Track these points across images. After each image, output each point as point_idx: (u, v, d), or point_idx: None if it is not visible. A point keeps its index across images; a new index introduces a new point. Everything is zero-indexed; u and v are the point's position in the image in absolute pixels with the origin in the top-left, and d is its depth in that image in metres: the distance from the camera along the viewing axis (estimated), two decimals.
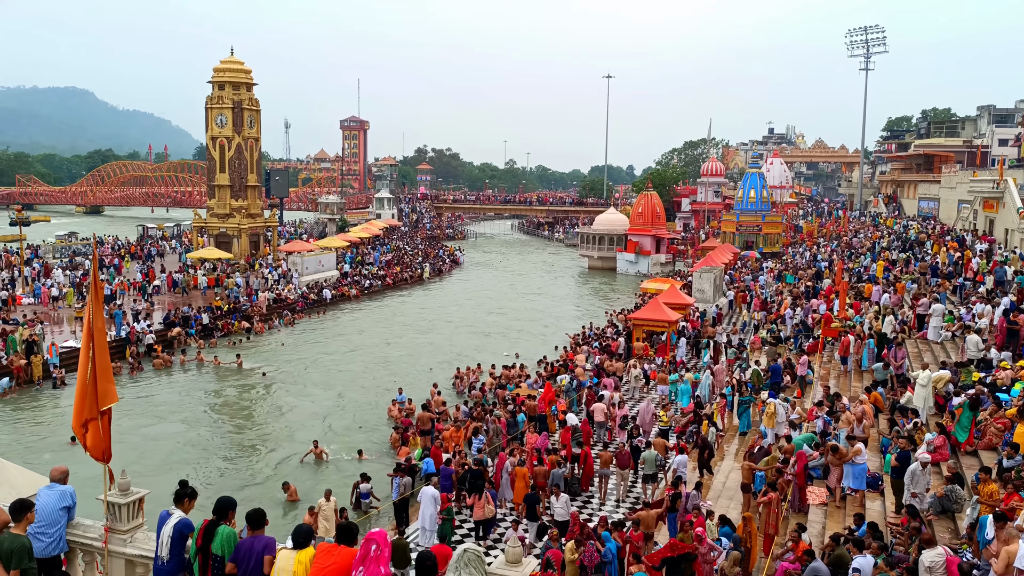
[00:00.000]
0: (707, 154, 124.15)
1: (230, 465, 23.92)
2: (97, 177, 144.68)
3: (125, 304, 42.52)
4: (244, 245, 60.38)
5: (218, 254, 56.30)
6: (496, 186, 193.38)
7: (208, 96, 59.88)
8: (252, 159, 61.30)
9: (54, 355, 32.26)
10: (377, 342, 41.67)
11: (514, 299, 56.78)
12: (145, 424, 27.17)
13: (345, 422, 28.23)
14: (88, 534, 8.27)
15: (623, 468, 19.19)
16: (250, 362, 35.91)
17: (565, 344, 38.47)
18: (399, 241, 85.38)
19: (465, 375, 32.35)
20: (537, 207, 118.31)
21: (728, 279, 52.47)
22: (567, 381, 28.58)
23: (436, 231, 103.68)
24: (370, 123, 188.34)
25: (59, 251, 64.49)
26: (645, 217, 73.77)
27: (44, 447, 24.41)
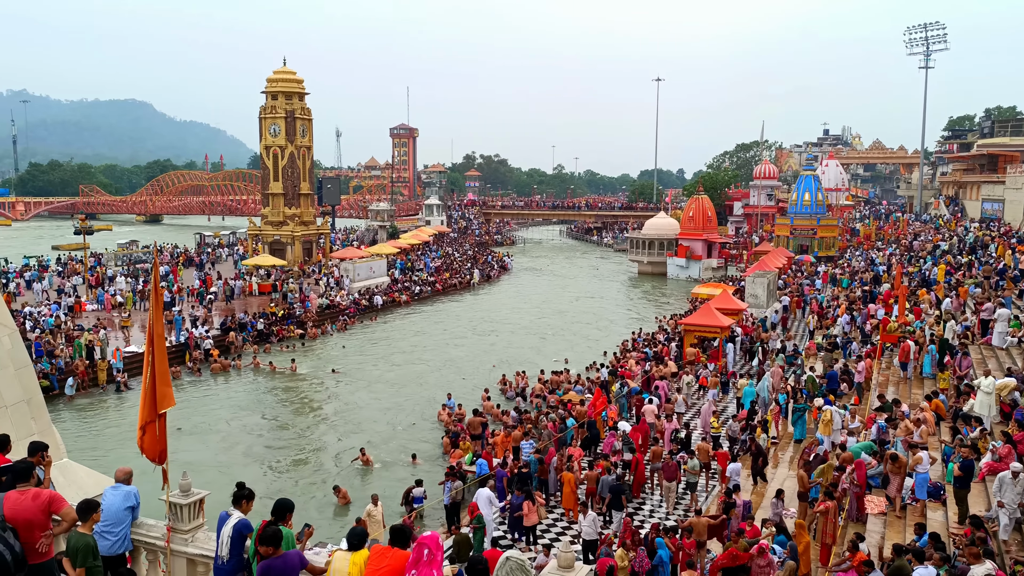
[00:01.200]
0: (760, 156, 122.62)
1: (284, 467, 24.32)
2: (156, 187, 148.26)
3: (184, 310, 43.46)
4: (297, 252, 61.34)
5: (272, 261, 57.26)
6: (544, 191, 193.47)
7: (261, 106, 61.02)
8: (304, 167, 62.26)
9: (117, 359, 33.11)
10: (428, 346, 41.96)
11: (563, 304, 56.69)
12: (203, 427, 27.74)
13: (398, 426, 28.50)
14: (151, 533, 8.49)
15: (669, 481, 18.98)
16: (304, 367, 36.46)
17: (615, 350, 38.29)
18: (448, 247, 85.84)
19: (513, 381, 32.39)
20: (585, 212, 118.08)
21: (782, 284, 51.74)
22: (617, 387, 28.44)
23: (485, 237, 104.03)
24: (419, 130, 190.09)
25: (121, 259, 66.17)
26: (696, 221, 73.13)
27: (109, 448, 25.08)
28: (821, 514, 14.86)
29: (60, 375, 31.53)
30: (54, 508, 7.60)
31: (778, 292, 47.70)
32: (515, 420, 25.39)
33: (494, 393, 31.40)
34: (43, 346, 33.02)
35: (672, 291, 64.84)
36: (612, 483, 18.38)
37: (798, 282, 52.28)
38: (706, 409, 24.71)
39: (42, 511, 7.52)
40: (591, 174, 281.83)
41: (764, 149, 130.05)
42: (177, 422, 26.58)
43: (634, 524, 16.73)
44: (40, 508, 7.51)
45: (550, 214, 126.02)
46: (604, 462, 19.36)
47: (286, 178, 61.18)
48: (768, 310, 42.10)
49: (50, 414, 12.63)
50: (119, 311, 44.86)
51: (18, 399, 11.49)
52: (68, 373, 31.86)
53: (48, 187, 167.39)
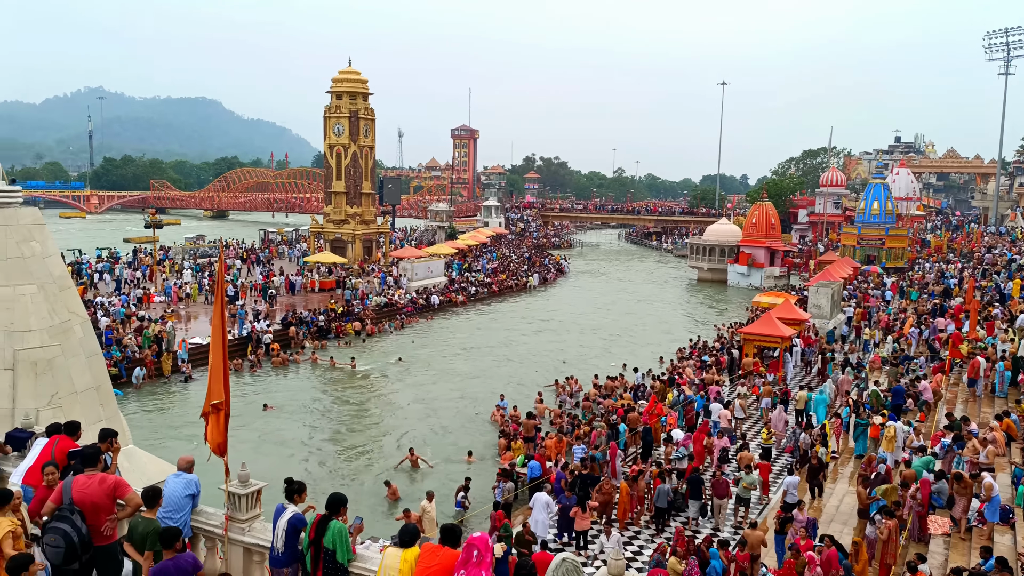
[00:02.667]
0: (827, 163, 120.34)
1: (339, 461, 24.70)
2: (223, 183, 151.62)
3: (247, 304, 44.40)
4: (358, 250, 62.16)
5: (333, 258, 58.14)
6: (604, 195, 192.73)
7: (326, 106, 62.00)
8: (367, 167, 63.08)
9: (183, 350, 33.99)
10: (484, 347, 42.17)
11: (619, 309, 56.41)
12: (262, 419, 28.30)
13: (452, 424, 28.74)
14: (210, 521, 8.73)
15: (720, 498, 18.71)
16: (362, 363, 36.94)
17: (672, 357, 37.99)
18: (506, 249, 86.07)
19: (566, 385, 32.36)
20: (645, 216, 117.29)
21: (847, 295, 50.76)
22: (674, 395, 28.25)
23: (542, 240, 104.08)
24: (480, 132, 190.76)
25: (188, 253, 67.85)
26: (759, 228, 72.13)
27: (173, 437, 25.78)
28: (881, 534, 14.55)
29: (128, 364, 32.49)
30: (119, 493, 7.88)
31: (842, 303, 46.79)
32: (568, 424, 25.39)
33: (548, 396, 31.43)
34: (112, 336, 34.04)
35: (732, 299, 64.03)
36: (666, 493, 18.27)
37: (865, 293, 51.23)
38: (776, 416, 24.43)
39: (108, 495, 7.80)
40: (652, 178, 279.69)
41: (832, 156, 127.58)
42: (236, 413, 27.14)
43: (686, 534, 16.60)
44: (106, 492, 7.80)
45: (609, 218, 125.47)
46: (656, 470, 19.24)
47: (348, 177, 62.07)
48: (832, 321, 41.34)
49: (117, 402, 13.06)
50: (185, 303, 46.03)
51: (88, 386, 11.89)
52: (136, 363, 32.81)
53: (121, 181, 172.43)
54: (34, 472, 8.54)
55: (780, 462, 23.14)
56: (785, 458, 23.31)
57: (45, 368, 11.38)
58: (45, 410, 11.18)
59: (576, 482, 18.68)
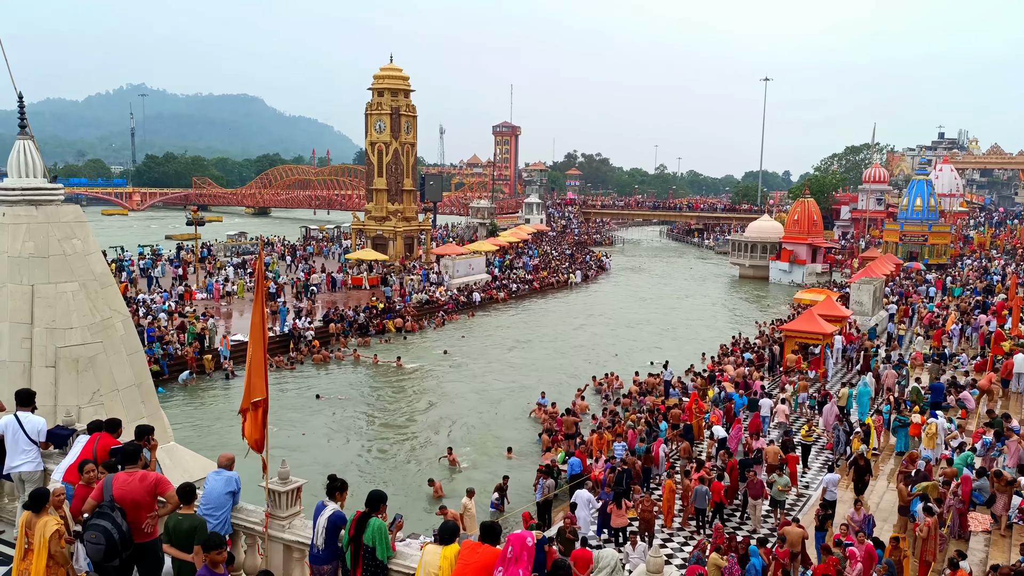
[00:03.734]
0: (870, 160, 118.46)
1: (381, 458, 24.84)
2: (265, 180, 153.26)
3: (288, 302, 44.83)
4: (399, 247, 62.47)
5: (375, 256, 58.47)
6: (645, 191, 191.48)
7: (368, 102, 62.33)
8: (408, 164, 63.34)
9: (225, 347, 34.40)
10: (527, 343, 42.25)
11: (660, 307, 56.09)
12: (303, 416, 28.57)
13: (495, 420, 28.83)
14: (250, 518, 8.78)
15: (755, 498, 18.43)
16: (406, 360, 37.09)
17: (713, 354, 37.67)
18: (547, 246, 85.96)
19: (607, 381, 32.22)
20: (687, 213, 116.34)
21: (889, 291, 49.95)
22: (714, 392, 28.01)
23: (584, 236, 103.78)
24: (522, 128, 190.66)
25: (230, 250, 68.69)
26: (801, 225, 71.21)
27: (215, 434, 26.13)
28: (921, 531, 14.30)
29: (170, 361, 32.96)
30: (160, 490, 7.94)
31: (884, 300, 46.03)
32: (609, 421, 25.28)
33: (589, 393, 31.34)
34: (154, 332, 34.52)
35: (774, 295, 63.37)
36: (705, 494, 18.08)
37: (907, 290, 50.35)
38: (828, 409, 24.12)
39: (148, 492, 7.87)
40: (694, 174, 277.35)
41: (875, 152, 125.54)
42: (275, 411, 27.42)
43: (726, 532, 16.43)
44: (147, 490, 7.87)
45: (650, 214, 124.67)
46: (700, 471, 19.06)
47: (390, 174, 62.39)
48: (873, 318, 40.69)
49: (159, 399, 13.22)
50: (227, 300, 46.61)
51: (129, 383, 12.02)
52: (178, 360, 33.27)
53: (163, 178, 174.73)
54: (74, 470, 8.64)
55: (821, 459, 22.81)
56: (826, 455, 22.98)
57: (86, 365, 11.54)
58: (87, 407, 11.34)
59: (622, 477, 18.64)
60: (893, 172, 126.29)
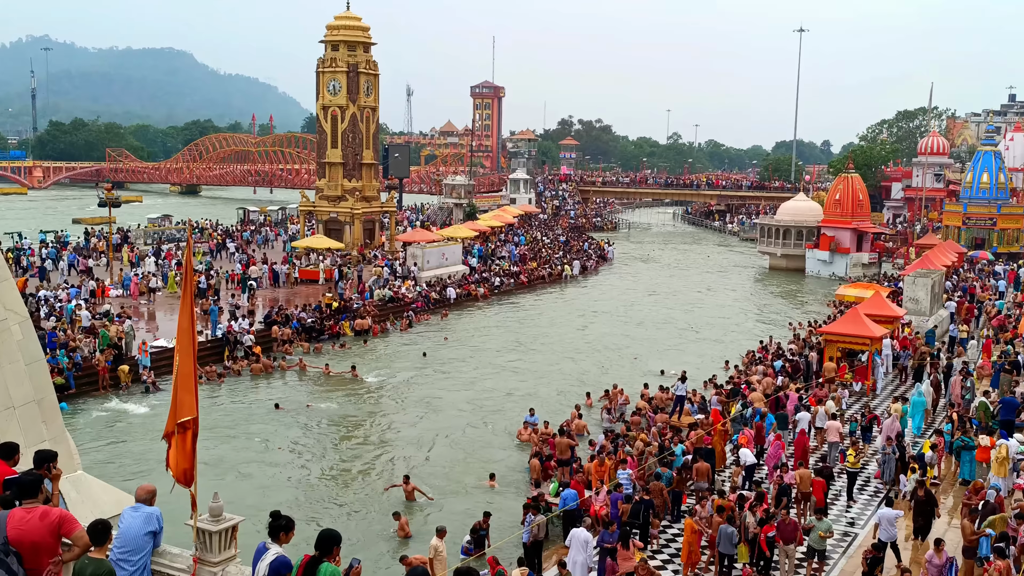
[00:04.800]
0: (926, 127, 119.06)
1: (333, 490, 24.72)
2: (194, 152, 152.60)
3: (222, 300, 44.64)
4: (357, 233, 62.33)
5: (327, 243, 58.30)
6: (656, 165, 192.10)
7: (320, 58, 62.09)
8: (368, 132, 63.18)
9: (144, 355, 34.19)
10: (511, 351, 42.30)
11: (675, 305, 56.17)
12: (238, 439, 28.43)
13: (473, 442, 28.83)
14: (175, 564, 8.71)
15: (787, 543, 18.39)
16: (365, 370, 37.00)
17: (737, 363, 37.76)
18: (537, 231, 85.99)
19: (611, 396, 32.21)
20: (706, 191, 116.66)
21: (950, 286, 50.23)
22: (737, 408, 28.07)
23: (581, 220, 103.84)
24: (506, 90, 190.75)
25: (152, 236, 68.35)
26: (844, 206, 71.49)
27: (132, 461, 25.93)
28: None
29: (78, 372, 32.73)
30: (65, 530, 7.79)
31: (944, 296, 46.32)
32: (612, 445, 25.24)
33: (589, 409, 31.36)
34: (58, 338, 34.17)
35: (810, 291, 63.62)
36: (731, 535, 18.04)
37: (971, 284, 50.69)
38: (889, 424, 24.23)
39: (51, 533, 7.73)
40: (714, 145, 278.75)
41: (932, 118, 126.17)
42: (205, 433, 27.27)
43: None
44: (49, 529, 7.71)
45: (662, 193, 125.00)
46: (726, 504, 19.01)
47: (346, 145, 62.20)
48: (932, 318, 40.94)
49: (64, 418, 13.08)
50: (148, 297, 46.38)
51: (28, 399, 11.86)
52: (88, 370, 33.03)
53: (70, 150, 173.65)
54: None
55: (869, 489, 22.90)
56: (875, 484, 23.07)
57: None
58: None
59: (639, 508, 18.62)
60: (954, 142, 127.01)
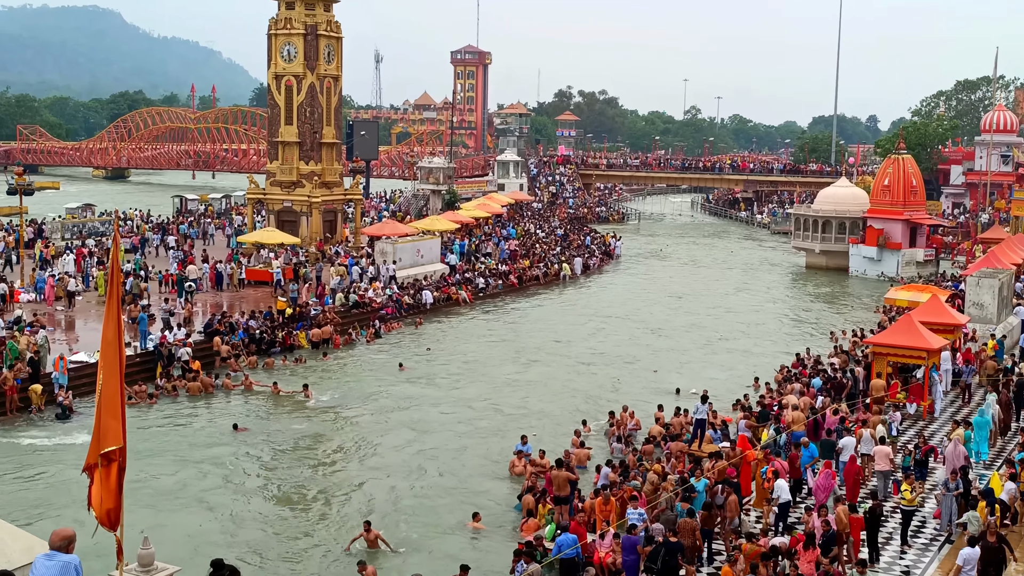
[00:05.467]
0: (992, 100, 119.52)
1: (285, 534, 24.62)
2: (122, 129, 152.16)
3: (155, 305, 44.43)
4: (316, 225, 62.17)
5: (280, 238, 58.10)
6: (671, 145, 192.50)
7: (272, 18, 61.95)
8: (330, 106, 63.05)
9: (60, 372, 33.94)
10: (500, 365, 42.40)
11: (694, 310, 56.24)
12: (171, 473, 28.28)
13: (455, 475, 28.81)
14: None
15: None
16: (323, 389, 36.91)
17: (768, 380, 37.76)
18: (530, 223, 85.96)
19: (619, 420, 32.16)
20: (731, 176, 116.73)
21: (1021, 289, 50.32)
22: (770, 435, 27.99)
23: (582, 210, 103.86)
24: (492, 56, 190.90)
25: (71, 230, 68.02)
26: (894, 192, 71.61)
27: (46, 501, 25.75)
28: None
29: None
30: None
31: (1015, 300, 46.40)
32: (619, 478, 25.18)
33: (588, 436, 31.30)
34: None
35: (855, 294, 63.82)
36: None
37: None
38: (952, 451, 24.08)
39: None
40: (740, 121, 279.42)
41: (998, 89, 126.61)
42: (134, 464, 27.13)
43: None
44: None
45: (678, 178, 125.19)
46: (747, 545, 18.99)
47: (303, 120, 62.05)
48: (1000, 326, 41.00)
49: None
50: (66, 303, 46.11)
51: None
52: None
53: None
54: None
55: (927, 531, 22.88)
56: (933, 525, 23.03)
57: None
58: None
59: (659, 551, 18.54)
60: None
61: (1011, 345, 40.57)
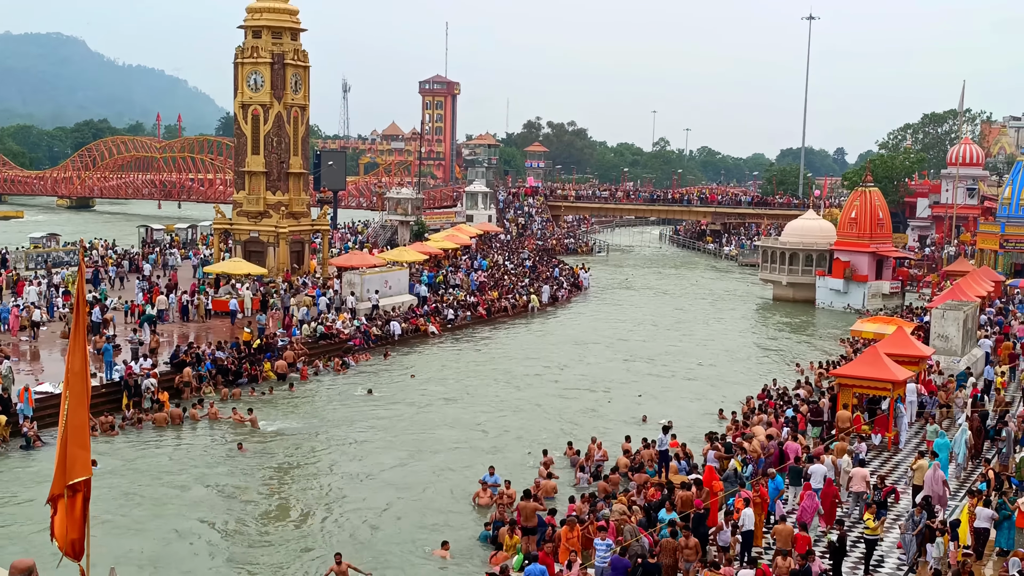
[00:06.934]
0: (958, 133, 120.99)
1: (253, 565, 24.61)
2: (87, 158, 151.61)
3: (120, 336, 44.28)
4: (283, 256, 62.11)
5: (247, 268, 58.01)
6: (639, 177, 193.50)
7: (238, 47, 62.02)
8: (297, 136, 63.14)
9: (26, 403, 33.76)
10: (472, 394, 42.54)
11: (661, 342, 56.55)
12: (137, 505, 28.18)
13: (423, 506, 28.82)
14: None
15: None
16: (279, 417, 37.14)
17: (736, 410, 38.03)
18: (498, 255, 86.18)
19: (589, 452, 32.28)
20: (699, 208, 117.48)
21: (986, 321, 50.90)
22: (730, 467, 28.02)
23: (551, 241, 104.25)
24: (461, 86, 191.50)
25: (35, 260, 67.68)
26: (861, 225, 72.25)
27: (8, 531, 25.62)
28: None
29: None
30: None
31: (979, 333, 46.97)
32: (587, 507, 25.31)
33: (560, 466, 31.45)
34: None
35: (822, 326, 64.34)
36: None
37: (1010, 318, 51.38)
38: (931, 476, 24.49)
39: None
40: (708, 153, 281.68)
41: (964, 122, 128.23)
42: (98, 496, 27.03)
43: None
44: None
45: (647, 210, 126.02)
46: None
47: (270, 150, 62.09)
48: (964, 359, 41.50)
49: None
50: (30, 333, 45.90)
51: None
52: None
53: None
54: None
55: (890, 563, 23.11)
56: (897, 556, 23.27)
57: None
58: None
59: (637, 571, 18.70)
60: (990, 151, 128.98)
61: (976, 376, 41.06)
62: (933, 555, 21.40)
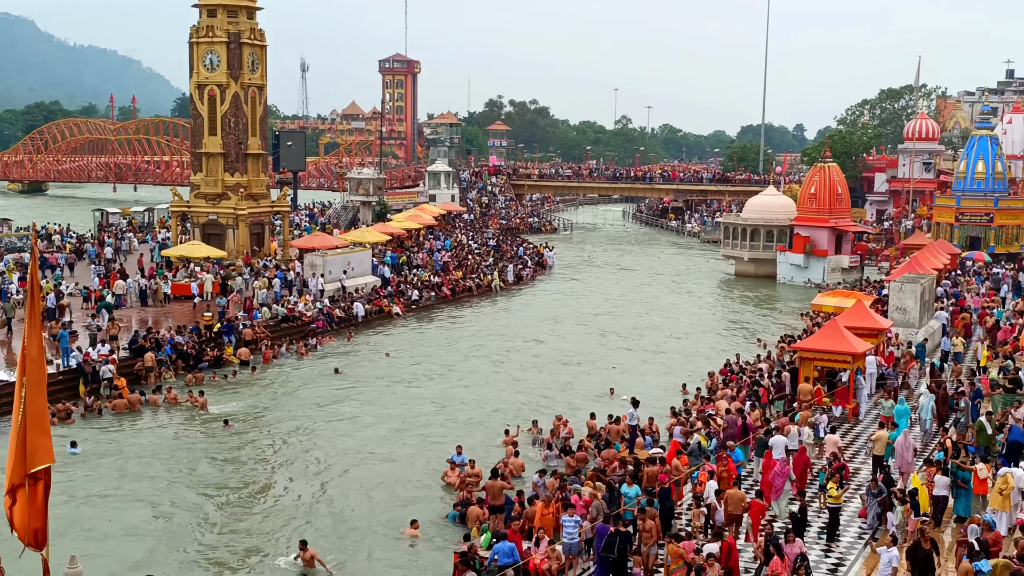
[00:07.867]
0: (914, 108, 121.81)
1: (217, 551, 24.61)
2: (38, 141, 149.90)
3: (77, 321, 43.96)
4: (242, 239, 61.79)
5: (206, 251, 57.65)
6: (602, 155, 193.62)
7: (193, 26, 61.45)
8: (255, 116, 62.73)
9: None
10: (435, 378, 42.52)
11: (625, 319, 56.84)
12: (97, 494, 28.06)
13: (391, 486, 28.94)
14: None
15: None
16: (254, 399, 36.92)
17: (699, 385, 38.29)
18: (462, 234, 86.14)
19: (554, 429, 32.39)
20: (660, 185, 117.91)
21: (942, 293, 51.46)
22: (694, 440, 28.17)
23: (515, 220, 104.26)
24: (422, 64, 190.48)
25: None
26: (820, 200, 72.70)
27: None
28: None
29: None
30: None
31: (936, 305, 47.49)
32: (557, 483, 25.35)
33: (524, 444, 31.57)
34: None
35: (783, 300, 64.96)
36: None
37: (965, 289, 51.96)
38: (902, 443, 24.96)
39: None
40: (670, 131, 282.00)
41: (920, 97, 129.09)
42: (58, 485, 26.91)
43: None
44: None
45: (610, 188, 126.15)
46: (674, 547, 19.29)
47: (227, 131, 61.66)
48: (922, 331, 41.98)
49: None
50: None
51: None
52: None
53: None
54: None
55: (853, 530, 23.37)
56: (858, 524, 23.50)
57: None
58: None
59: (615, 540, 18.87)
60: (946, 125, 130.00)
61: (932, 348, 41.54)
62: (893, 523, 21.70)
